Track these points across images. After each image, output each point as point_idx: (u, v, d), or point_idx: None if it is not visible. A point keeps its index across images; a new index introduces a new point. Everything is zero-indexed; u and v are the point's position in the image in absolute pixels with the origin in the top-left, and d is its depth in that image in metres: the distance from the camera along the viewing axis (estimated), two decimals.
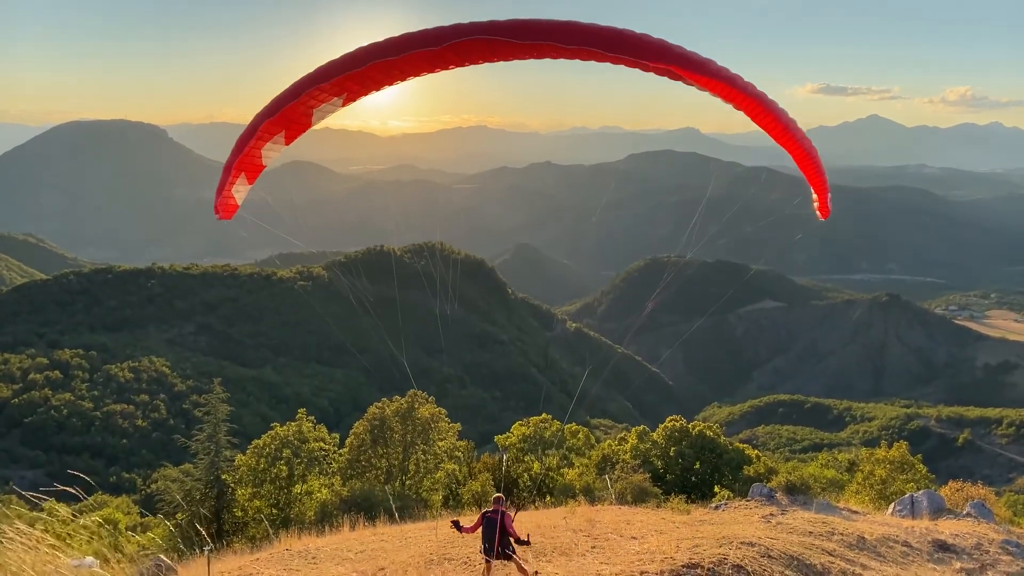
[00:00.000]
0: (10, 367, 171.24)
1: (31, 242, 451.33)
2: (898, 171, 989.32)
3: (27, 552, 4.92)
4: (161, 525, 30.91)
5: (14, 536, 5.10)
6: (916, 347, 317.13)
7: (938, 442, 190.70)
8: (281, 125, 8.77)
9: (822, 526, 17.57)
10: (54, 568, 4.82)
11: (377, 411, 38.46)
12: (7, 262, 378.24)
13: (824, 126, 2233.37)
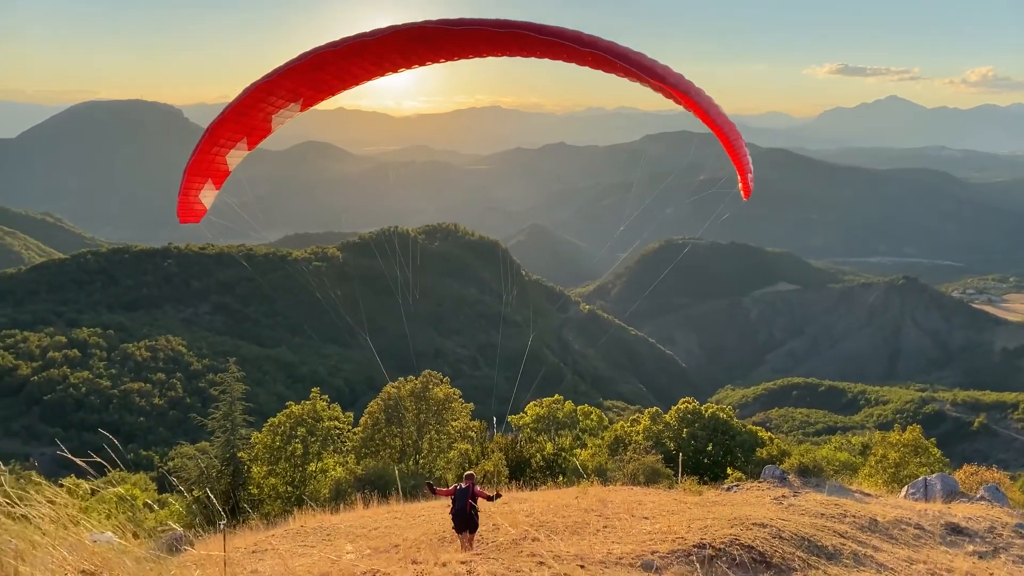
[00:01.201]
0: (29, 345, 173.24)
1: (49, 221, 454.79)
2: (917, 153, 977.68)
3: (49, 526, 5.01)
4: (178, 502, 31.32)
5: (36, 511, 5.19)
6: (932, 331, 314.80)
7: (953, 426, 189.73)
8: (242, 132, 8.76)
9: (834, 508, 17.58)
10: (75, 542, 4.91)
11: (392, 391, 38.71)
12: (25, 241, 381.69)
13: (842, 107, 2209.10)
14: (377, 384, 42.18)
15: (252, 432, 33.97)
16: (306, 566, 12.34)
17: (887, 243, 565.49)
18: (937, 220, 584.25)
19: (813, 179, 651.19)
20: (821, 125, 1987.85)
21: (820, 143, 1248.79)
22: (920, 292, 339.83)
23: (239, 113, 8.67)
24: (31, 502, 5.21)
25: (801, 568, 13.13)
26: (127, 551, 4.88)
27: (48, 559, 4.54)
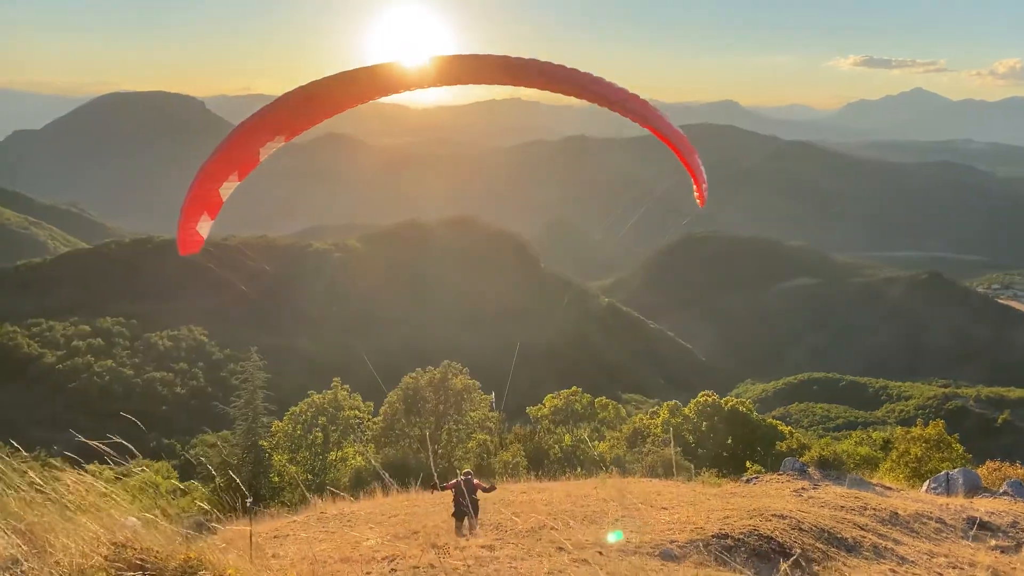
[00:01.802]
0: (54, 334, 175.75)
1: (73, 212, 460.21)
2: (943, 146, 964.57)
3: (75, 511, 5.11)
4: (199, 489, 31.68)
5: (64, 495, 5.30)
6: (956, 326, 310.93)
7: (977, 422, 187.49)
8: (234, 167, 9.62)
9: (854, 501, 17.49)
10: (101, 526, 5.01)
11: (411, 381, 38.91)
12: (51, 231, 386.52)
13: (866, 99, 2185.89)
14: (396, 375, 42.38)
15: (273, 421, 34.31)
16: (328, 551, 12.48)
17: (911, 237, 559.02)
18: (962, 214, 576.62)
19: (835, 172, 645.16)
20: (844, 118, 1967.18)
21: (843, 136, 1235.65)
22: (944, 287, 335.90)
23: (231, 151, 9.58)
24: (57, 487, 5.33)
25: (821, 560, 13.09)
26: (155, 526, 4.98)
27: (80, 532, 4.65)
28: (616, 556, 10.83)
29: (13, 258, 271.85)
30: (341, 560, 11.52)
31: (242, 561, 4.88)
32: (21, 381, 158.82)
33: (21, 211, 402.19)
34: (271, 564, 5.05)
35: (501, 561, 10.13)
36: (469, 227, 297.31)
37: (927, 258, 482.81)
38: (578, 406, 42.30)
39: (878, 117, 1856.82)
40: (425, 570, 9.19)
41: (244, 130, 9.62)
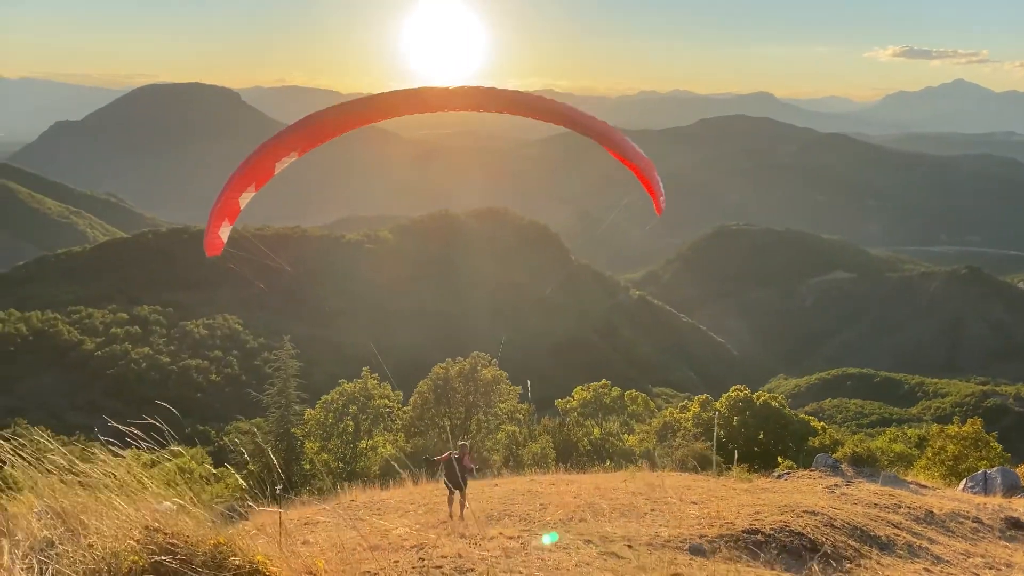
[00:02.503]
0: (93, 321, 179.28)
1: (112, 201, 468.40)
2: (984, 138, 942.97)
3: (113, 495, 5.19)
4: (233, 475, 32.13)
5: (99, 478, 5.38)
6: (996, 322, 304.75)
7: (1016, 421, 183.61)
8: (252, 179, 11.15)
9: (888, 498, 17.24)
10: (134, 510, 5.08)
11: (441, 371, 39.09)
12: (91, 221, 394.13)
13: (905, 91, 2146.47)
14: (426, 365, 42.62)
15: (305, 409, 34.69)
16: (357, 538, 12.59)
17: (950, 232, 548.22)
18: (1003, 208, 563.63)
19: (873, 165, 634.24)
20: (883, 110, 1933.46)
21: (881, 128, 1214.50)
22: (983, 282, 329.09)
23: (252, 167, 11.16)
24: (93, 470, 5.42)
25: (853, 557, 12.92)
26: (186, 511, 5.04)
27: (114, 515, 4.72)
28: (645, 550, 10.78)
29: (54, 246, 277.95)
30: (370, 548, 11.59)
31: (272, 547, 4.92)
32: (61, 367, 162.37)
33: (62, 201, 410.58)
34: (300, 551, 5.08)
35: (529, 552, 10.14)
36: (500, 219, 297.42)
37: (966, 253, 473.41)
38: (607, 399, 42.17)
39: (918, 109, 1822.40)
40: (453, 560, 9.22)
41: (264, 148, 11.10)
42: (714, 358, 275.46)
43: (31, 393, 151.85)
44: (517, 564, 9.19)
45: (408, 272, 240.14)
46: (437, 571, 8.77)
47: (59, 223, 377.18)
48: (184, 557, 4.38)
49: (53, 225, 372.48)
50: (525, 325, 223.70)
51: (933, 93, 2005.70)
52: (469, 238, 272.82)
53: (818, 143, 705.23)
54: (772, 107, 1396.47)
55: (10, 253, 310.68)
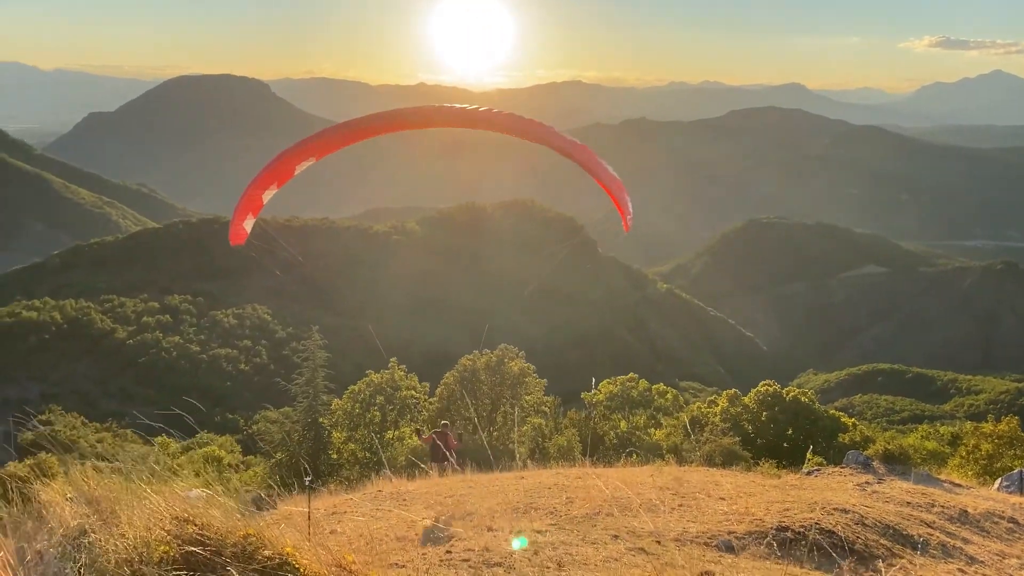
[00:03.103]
0: (125, 310, 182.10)
1: (144, 192, 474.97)
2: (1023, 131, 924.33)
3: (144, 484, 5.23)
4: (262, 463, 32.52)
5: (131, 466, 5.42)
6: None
7: None
8: (275, 179, 12.51)
9: (921, 497, 16.96)
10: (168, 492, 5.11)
11: (468, 363, 39.16)
12: (123, 211, 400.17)
13: (941, 82, 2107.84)
14: (453, 356, 42.78)
15: (333, 399, 34.93)
16: (383, 529, 12.64)
17: (986, 226, 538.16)
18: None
19: (907, 158, 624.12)
20: (918, 101, 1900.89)
21: (916, 120, 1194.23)
22: (1020, 277, 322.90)
23: (275, 168, 12.50)
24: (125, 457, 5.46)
25: (885, 557, 12.72)
26: (215, 501, 5.06)
27: (145, 505, 4.75)
28: (673, 546, 10.70)
29: (87, 236, 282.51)
30: (396, 539, 11.64)
31: (301, 539, 4.92)
32: (94, 355, 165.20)
33: (95, 191, 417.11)
34: (329, 543, 5.08)
35: (556, 547, 10.10)
36: (527, 210, 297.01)
37: (1002, 248, 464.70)
38: (634, 392, 41.98)
39: (954, 101, 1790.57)
40: (480, 553, 9.21)
41: (285, 154, 12.56)
42: (742, 352, 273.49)
43: (65, 380, 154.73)
44: (544, 560, 9.15)
45: (435, 264, 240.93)
46: (464, 564, 8.76)
47: (92, 213, 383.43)
48: (214, 548, 4.39)
49: (87, 215, 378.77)
50: (551, 318, 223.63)
51: (970, 84, 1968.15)
52: (496, 230, 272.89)
53: (851, 135, 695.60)
54: (804, 98, 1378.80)
55: (45, 242, 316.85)
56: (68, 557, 4.29)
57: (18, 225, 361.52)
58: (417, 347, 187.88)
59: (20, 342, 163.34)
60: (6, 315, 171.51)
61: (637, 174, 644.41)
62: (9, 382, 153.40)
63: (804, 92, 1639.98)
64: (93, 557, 4.31)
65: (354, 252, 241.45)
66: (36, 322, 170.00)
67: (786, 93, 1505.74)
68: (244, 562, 4.37)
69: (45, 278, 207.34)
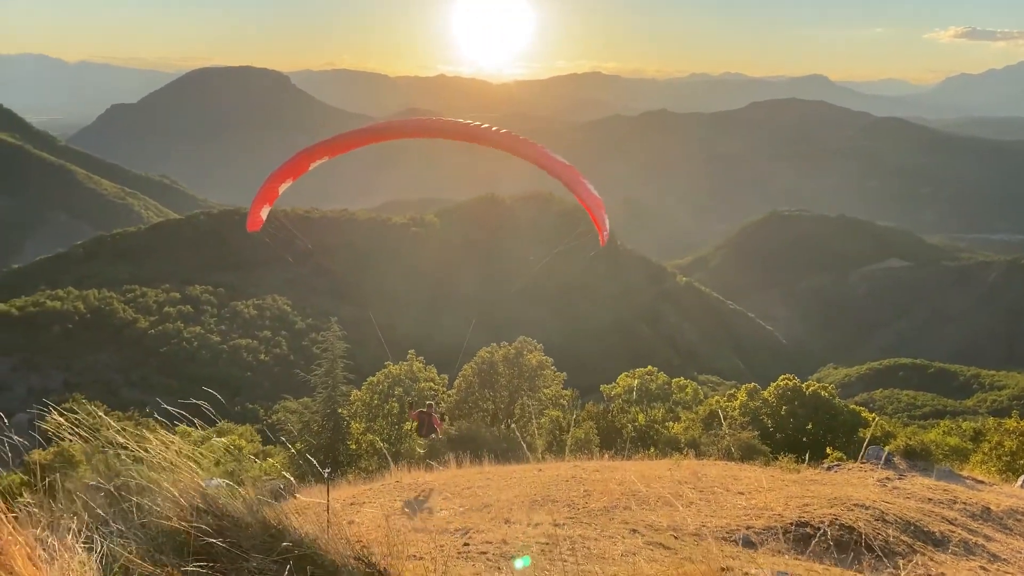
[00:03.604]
0: (147, 300, 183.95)
1: (165, 183, 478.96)
2: None
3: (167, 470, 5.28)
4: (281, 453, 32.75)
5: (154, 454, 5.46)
6: None
7: None
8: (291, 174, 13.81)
9: (943, 493, 16.79)
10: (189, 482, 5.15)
11: (486, 355, 39.20)
12: (144, 202, 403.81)
13: (967, 74, 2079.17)
14: (471, 349, 42.85)
15: (352, 390, 35.09)
16: (401, 520, 12.70)
17: (1011, 219, 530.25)
18: None
19: (931, 150, 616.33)
20: (943, 93, 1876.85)
21: (941, 112, 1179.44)
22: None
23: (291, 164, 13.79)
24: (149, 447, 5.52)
25: (906, 553, 12.62)
26: (235, 493, 5.09)
27: (166, 495, 4.79)
28: (691, 540, 10.66)
29: (110, 227, 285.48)
30: (414, 530, 11.69)
31: (320, 530, 4.95)
32: (116, 344, 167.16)
33: (118, 182, 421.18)
34: (347, 533, 5.10)
35: (574, 540, 10.09)
36: (545, 203, 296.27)
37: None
38: (653, 386, 41.87)
39: (980, 92, 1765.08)
40: (498, 546, 9.22)
41: (300, 153, 13.90)
42: (762, 346, 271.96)
43: (88, 369, 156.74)
44: (563, 552, 9.15)
45: (453, 256, 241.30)
46: (482, 556, 8.78)
47: (115, 204, 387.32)
48: (234, 539, 4.42)
49: (109, 206, 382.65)
50: (570, 311, 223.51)
51: (996, 76, 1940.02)
52: (514, 222, 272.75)
53: (874, 127, 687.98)
54: (827, 90, 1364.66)
55: (68, 233, 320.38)
56: (91, 547, 4.34)
57: (42, 215, 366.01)
58: (435, 339, 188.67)
59: (44, 331, 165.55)
60: (31, 304, 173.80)
61: (656, 166, 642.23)
62: (33, 370, 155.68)
63: (827, 84, 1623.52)
64: (115, 547, 4.35)
65: (373, 244, 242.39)
66: (60, 311, 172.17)
67: (808, 85, 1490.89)
68: (264, 553, 4.40)
69: (69, 268, 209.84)
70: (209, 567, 4.26)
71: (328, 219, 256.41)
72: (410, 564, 5.64)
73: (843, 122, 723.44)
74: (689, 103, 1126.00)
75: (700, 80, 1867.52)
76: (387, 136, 15.24)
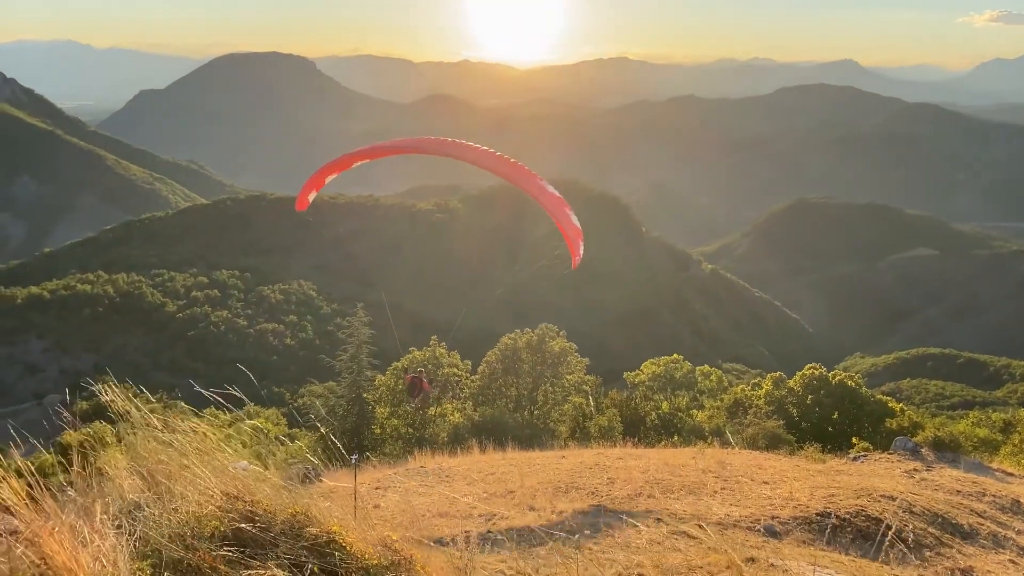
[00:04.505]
0: (176, 284, 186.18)
1: (193, 168, 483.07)
2: None
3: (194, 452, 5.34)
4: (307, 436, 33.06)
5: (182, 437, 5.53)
6: None
7: None
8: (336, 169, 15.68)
9: (972, 486, 16.58)
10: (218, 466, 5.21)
11: (509, 342, 39.25)
12: (173, 187, 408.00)
13: (1002, 59, 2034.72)
14: (495, 335, 42.91)
15: (376, 375, 35.31)
16: (425, 504, 12.79)
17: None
18: None
19: (963, 136, 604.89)
20: (976, 78, 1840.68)
21: (974, 98, 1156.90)
22: None
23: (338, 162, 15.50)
24: (177, 429, 5.58)
25: (933, 545, 12.49)
26: (263, 478, 5.14)
27: (197, 480, 4.86)
28: (716, 530, 10.63)
29: (139, 211, 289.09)
30: (439, 514, 11.78)
31: (346, 516, 4.99)
32: (145, 328, 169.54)
33: (146, 167, 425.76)
34: (374, 521, 5.14)
35: (599, 528, 10.10)
36: (570, 189, 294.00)
37: None
38: (678, 374, 41.73)
39: (1015, 78, 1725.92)
40: (521, 532, 9.25)
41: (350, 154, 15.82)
42: (788, 334, 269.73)
43: (117, 352, 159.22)
44: (587, 539, 9.16)
45: (478, 242, 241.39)
46: (506, 544, 8.81)
47: (144, 189, 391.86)
48: (263, 525, 4.47)
49: (138, 191, 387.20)
50: (594, 297, 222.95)
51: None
52: (539, 209, 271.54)
53: (905, 113, 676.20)
54: (856, 75, 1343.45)
55: (98, 217, 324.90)
56: (124, 531, 4.41)
57: (73, 200, 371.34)
58: (460, 325, 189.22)
59: (75, 314, 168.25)
60: (62, 288, 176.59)
61: (683, 152, 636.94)
62: (65, 353, 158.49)
63: (857, 69, 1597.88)
64: (147, 531, 4.42)
65: (398, 230, 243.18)
66: (90, 295, 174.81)
67: (838, 70, 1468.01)
68: (292, 539, 4.44)
69: (99, 252, 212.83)
70: (240, 552, 4.32)
71: (354, 205, 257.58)
72: (435, 550, 5.67)
73: (873, 108, 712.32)
74: (716, 88, 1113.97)
75: (727, 65, 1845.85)
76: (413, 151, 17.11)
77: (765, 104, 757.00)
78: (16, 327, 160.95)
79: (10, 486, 4.54)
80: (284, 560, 4.28)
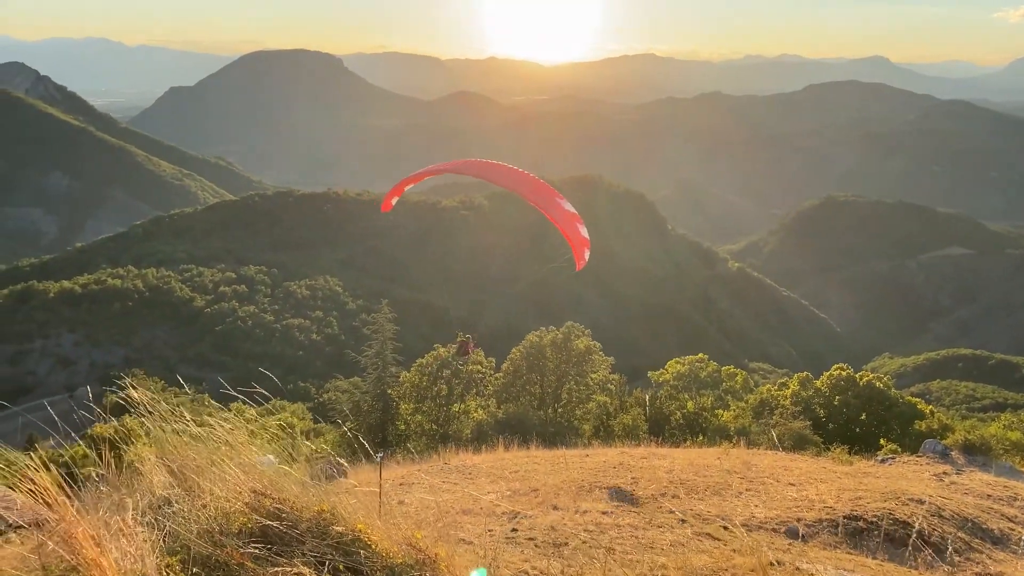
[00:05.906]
0: (204, 279, 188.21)
1: (221, 164, 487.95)
2: None
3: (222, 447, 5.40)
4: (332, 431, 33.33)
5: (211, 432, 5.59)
6: None
7: None
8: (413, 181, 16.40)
9: (1003, 490, 16.31)
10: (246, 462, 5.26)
11: (534, 339, 39.24)
12: (201, 183, 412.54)
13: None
14: (519, 332, 42.91)
15: (401, 371, 35.49)
16: (449, 501, 12.83)
17: None
18: None
19: (996, 133, 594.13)
20: (1010, 74, 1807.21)
21: (1008, 94, 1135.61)
22: None
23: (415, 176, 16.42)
24: (206, 425, 5.64)
25: (962, 550, 12.31)
26: (290, 475, 5.19)
27: (225, 476, 4.91)
28: (740, 531, 10.56)
29: (167, 207, 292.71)
30: (462, 512, 11.80)
31: (371, 514, 5.02)
32: (174, 322, 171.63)
33: (175, 163, 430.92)
34: (398, 519, 5.16)
35: (622, 528, 10.07)
36: (595, 186, 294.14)
37: None
38: (703, 373, 41.48)
39: None
40: (546, 532, 9.25)
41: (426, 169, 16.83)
42: (815, 334, 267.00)
43: (146, 346, 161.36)
44: (611, 541, 9.14)
45: (503, 239, 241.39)
46: (530, 543, 8.81)
47: (172, 184, 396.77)
48: (290, 522, 4.51)
49: (167, 186, 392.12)
50: (619, 295, 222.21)
51: None
52: None
53: (937, 110, 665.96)
54: (887, 72, 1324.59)
55: (128, 212, 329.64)
56: (153, 526, 4.47)
57: (103, 195, 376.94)
58: (484, 322, 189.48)
59: (106, 308, 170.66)
60: (93, 282, 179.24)
61: (711, 149, 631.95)
62: (95, 346, 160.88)
63: (888, 65, 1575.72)
64: (176, 527, 4.48)
65: (424, 226, 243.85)
66: (120, 289, 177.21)
67: (868, 66, 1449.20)
68: (318, 537, 4.48)
69: (128, 247, 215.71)
70: (267, 549, 4.36)
71: (380, 201, 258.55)
72: (460, 549, 5.69)
73: (905, 105, 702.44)
74: (744, 85, 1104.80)
75: (756, 62, 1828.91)
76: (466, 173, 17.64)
77: (794, 101, 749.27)
78: (48, 320, 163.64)
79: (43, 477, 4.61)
80: (310, 558, 4.32)
